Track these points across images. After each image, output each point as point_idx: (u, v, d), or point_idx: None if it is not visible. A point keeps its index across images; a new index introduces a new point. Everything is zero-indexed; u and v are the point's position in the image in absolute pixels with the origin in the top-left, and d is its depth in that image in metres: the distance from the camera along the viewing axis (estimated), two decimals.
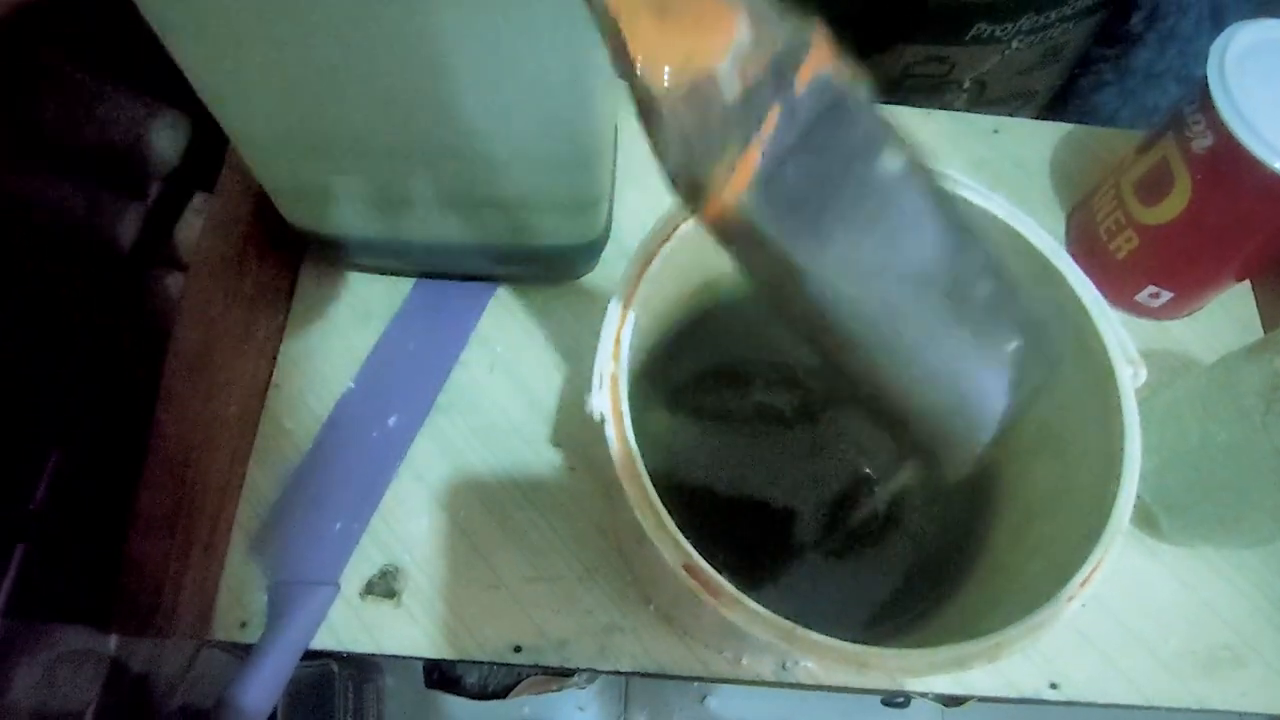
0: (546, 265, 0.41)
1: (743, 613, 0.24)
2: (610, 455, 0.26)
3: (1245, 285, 0.45)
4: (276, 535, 0.37)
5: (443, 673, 0.56)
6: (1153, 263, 0.41)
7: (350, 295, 0.42)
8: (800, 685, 0.36)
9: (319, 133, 0.31)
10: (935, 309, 0.21)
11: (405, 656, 0.35)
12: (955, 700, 0.42)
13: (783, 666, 0.35)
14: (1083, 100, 0.55)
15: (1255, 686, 0.36)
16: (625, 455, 0.26)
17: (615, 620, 0.36)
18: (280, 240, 0.39)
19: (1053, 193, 0.47)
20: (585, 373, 0.40)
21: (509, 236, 0.38)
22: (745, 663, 0.35)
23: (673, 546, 0.25)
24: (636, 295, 0.28)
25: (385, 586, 0.36)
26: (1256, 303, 0.45)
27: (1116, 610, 0.37)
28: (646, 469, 0.26)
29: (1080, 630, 0.37)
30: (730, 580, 0.24)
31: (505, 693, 0.56)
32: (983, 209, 0.31)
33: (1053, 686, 0.36)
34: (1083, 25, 0.50)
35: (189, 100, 0.29)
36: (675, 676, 0.35)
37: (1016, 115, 0.50)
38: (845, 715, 0.66)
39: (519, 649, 0.35)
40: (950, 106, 0.52)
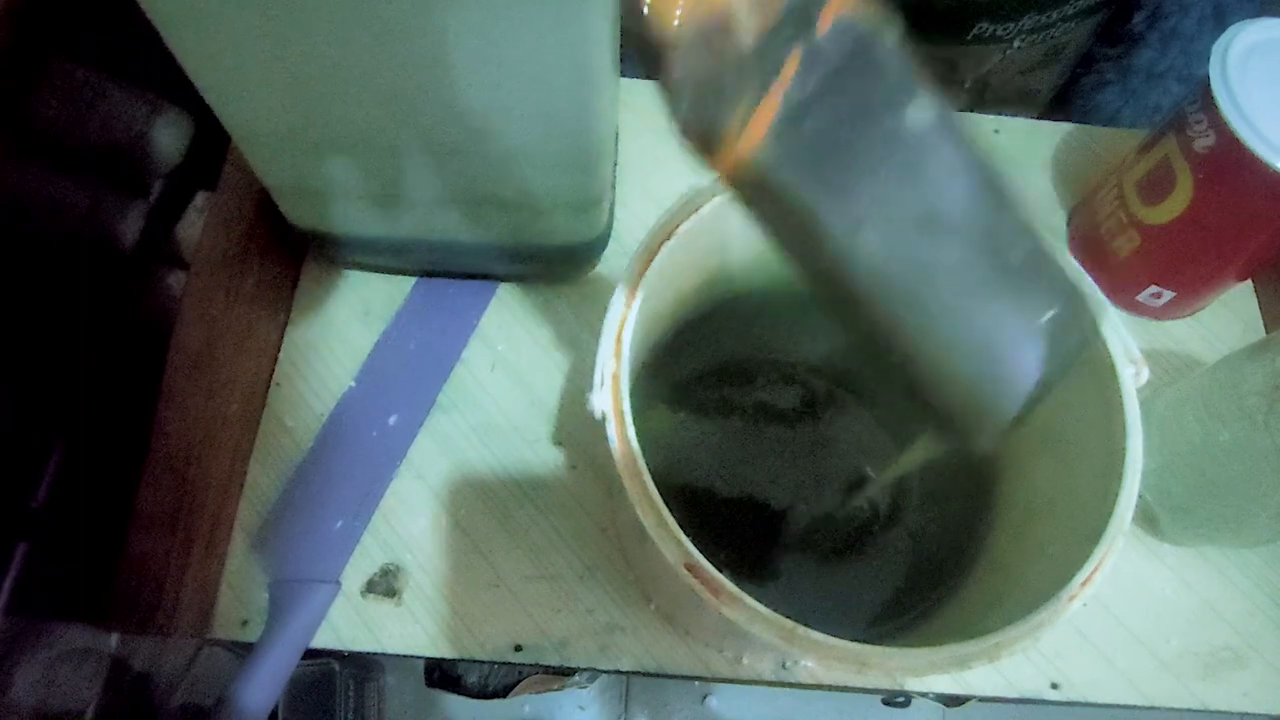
0: (548, 264, 0.41)
1: (743, 611, 0.24)
2: (611, 454, 0.26)
3: (1247, 285, 0.45)
4: (277, 533, 0.37)
5: (443, 672, 0.56)
6: (1154, 262, 0.41)
7: (351, 293, 0.42)
8: (800, 685, 0.36)
9: (320, 131, 0.31)
10: (968, 269, 0.20)
11: (406, 655, 0.35)
12: (956, 700, 0.42)
13: (783, 666, 0.35)
14: (1084, 100, 0.55)
15: (1256, 687, 0.36)
16: (626, 454, 0.26)
17: (616, 619, 0.36)
18: (282, 238, 0.39)
19: (1054, 192, 0.47)
20: (586, 371, 0.40)
21: (510, 235, 0.38)
22: (746, 662, 0.35)
23: (674, 545, 0.24)
24: (638, 294, 0.28)
25: (386, 585, 0.36)
26: (1259, 302, 0.45)
27: (1117, 610, 0.37)
28: (648, 467, 0.26)
29: (1081, 630, 0.37)
30: (731, 579, 0.24)
31: (506, 692, 0.56)
32: None
33: (1053, 686, 0.36)
34: (1084, 25, 0.50)
35: (191, 98, 0.29)
36: (676, 676, 0.35)
37: (1018, 115, 0.50)
38: (846, 715, 0.66)
39: (519, 648, 0.35)
40: (951, 106, 0.52)
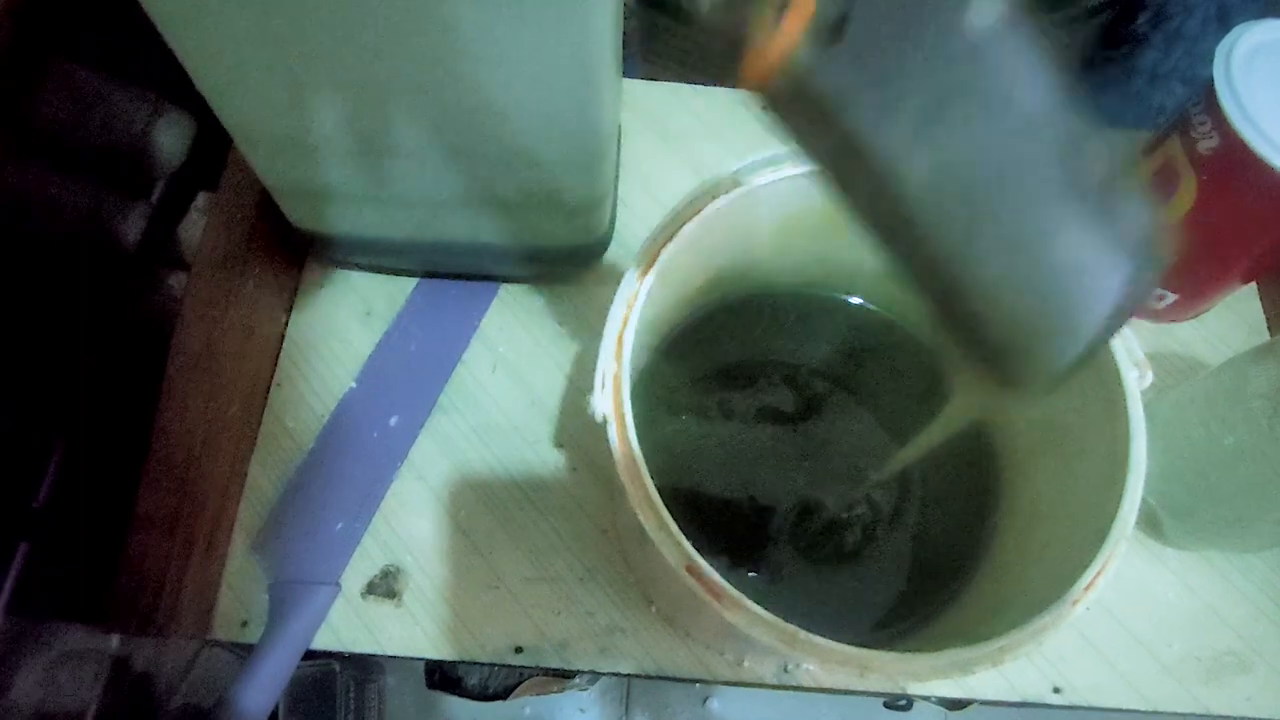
0: (549, 265, 0.41)
1: (744, 615, 0.24)
2: (612, 456, 0.26)
3: (1251, 287, 0.45)
4: (278, 534, 0.37)
5: (444, 673, 0.56)
6: None
7: (353, 294, 0.42)
8: (802, 688, 0.35)
9: (321, 132, 0.31)
10: (1037, 189, 0.17)
11: (406, 657, 0.35)
12: (958, 704, 0.42)
13: (784, 669, 0.35)
14: (1087, 101, 0.55)
15: (1259, 692, 0.36)
16: (627, 455, 0.26)
17: (616, 621, 0.36)
18: (283, 239, 0.39)
19: None
20: (588, 372, 0.40)
21: (512, 236, 0.38)
22: (747, 665, 0.35)
23: (675, 548, 0.24)
24: (639, 296, 0.28)
25: (386, 586, 0.36)
26: (1263, 305, 0.45)
27: (1120, 614, 0.37)
28: (649, 469, 0.26)
29: (1084, 634, 0.37)
30: (732, 582, 0.24)
31: (506, 693, 0.56)
32: None
33: (1056, 691, 0.36)
34: (1088, 26, 0.50)
35: (193, 98, 0.29)
36: (676, 679, 0.35)
37: None
38: (848, 718, 0.66)
39: (520, 650, 0.35)
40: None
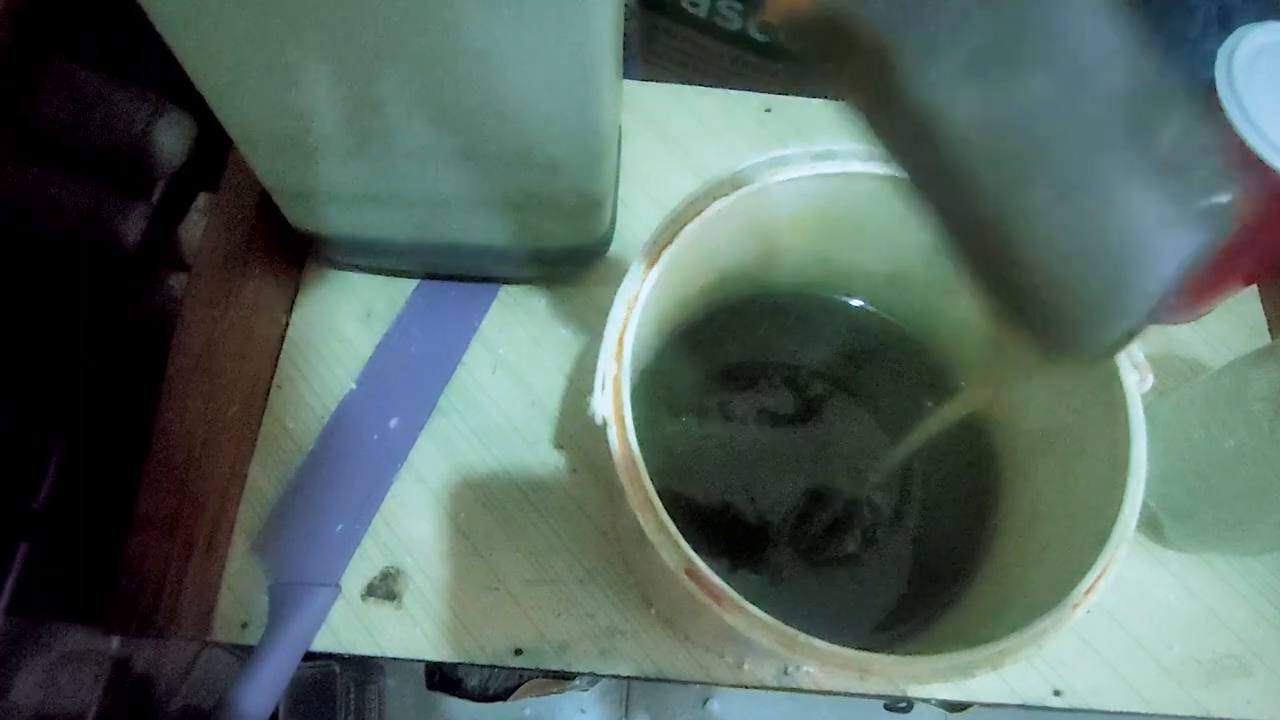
0: (550, 266, 0.41)
1: (744, 618, 0.24)
2: (612, 458, 0.26)
3: (1252, 289, 0.45)
4: (278, 536, 0.37)
5: (444, 674, 0.56)
6: None
7: (353, 295, 0.42)
8: (802, 690, 0.35)
9: (321, 134, 0.31)
10: (1098, 140, 0.16)
11: (406, 659, 0.35)
12: (958, 706, 0.42)
13: (785, 671, 0.35)
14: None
15: (1260, 695, 0.36)
16: (627, 458, 0.26)
17: (616, 623, 0.36)
18: (283, 240, 0.39)
19: None
20: (588, 374, 0.40)
21: (512, 238, 0.38)
22: (747, 667, 0.35)
23: (674, 550, 0.24)
24: (640, 297, 0.28)
25: (386, 588, 0.36)
26: (1264, 307, 0.45)
27: (1121, 617, 0.37)
28: (649, 472, 0.25)
29: (1084, 637, 0.37)
30: (732, 584, 0.24)
31: (506, 695, 0.56)
32: None
33: (1056, 693, 0.36)
34: None
35: (194, 99, 0.29)
36: (676, 681, 0.35)
37: None
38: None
39: (519, 651, 0.35)
40: None
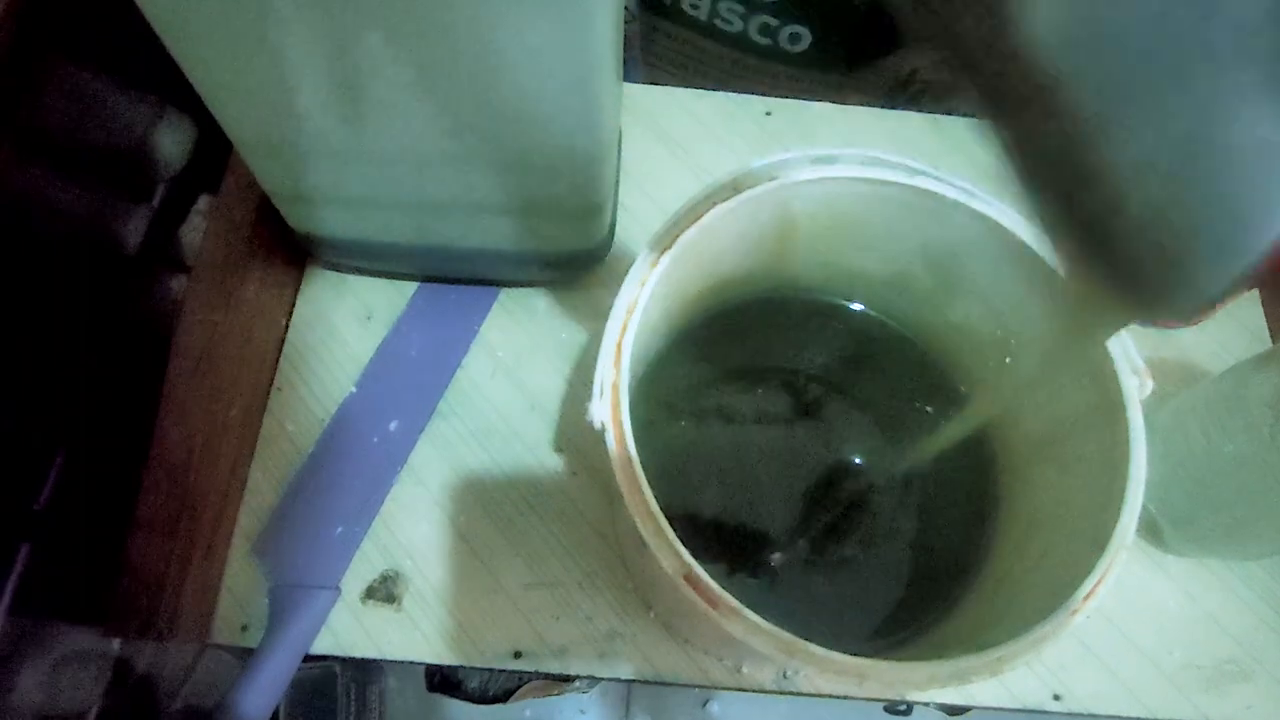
0: (550, 269, 0.41)
1: (742, 624, 0.24)
2: (610, 463, 0.26)
3: (1253, 294, 0.45)
4: (277, 539, 0.37)
5: (444, 676, 0.56)
6: None
7: (353, 298, 0.42)
8: (801, 693, 0.35)
9: (320, 138, 0.31)
10: (1218, 48, 0.14)
11: (405, 661, 0.35)
12: (958, 710, 0.42)
13: (783, 675, 0.35)
14: None
15: (1260, 701, 0.36)
16: (625, 463, 0.26)
17: (615, 627, 0.36)
18: (284, 243, 0.39)
19: None
20: (587, 377, 0.40)
21: (512, 241, 0.38)
22: (745, 671, 0.35)
23: (672, 556, 0.24)
24: (639, 302, 0.28)
25: (386, 591, 0.36)
26: (1265, 311, 0.45)
27: (1120, 622, 0.37)
28: (647, 476, 0.25)
29: (1084, 642, 0.37)
30: (731, 588, 0.24)
31: (506, 697, 0.56)
32: (987, 217, 0.31)
33: (1056, 698, 0.36)
34: None
35: (195, 102, 0.29)
36: (675, 684, 0.35)
37: None
38: None
39: (519, 655, 0.35)
40: (956, 111, 0.52)
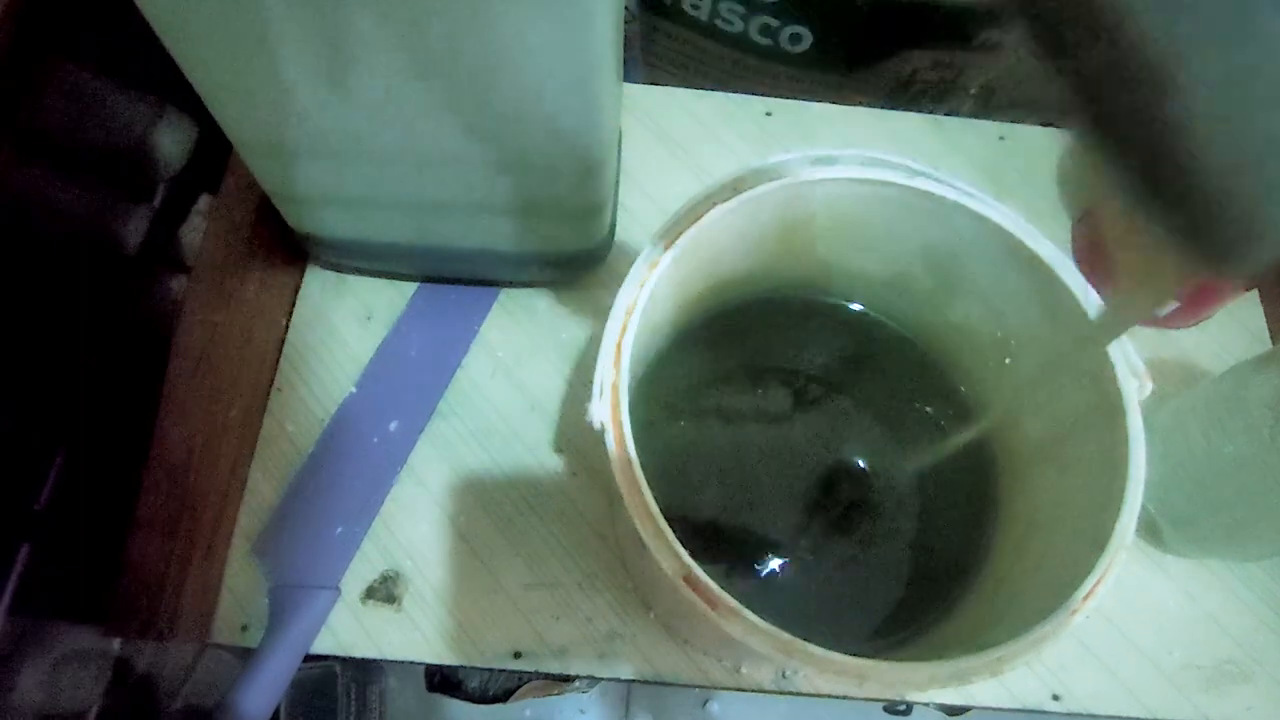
0: (550, 270, 0.41)
1: (741, 624, 0.24)
2: (610, 463, 0.26)
3: (1253, 294, 0.45)
4: (278, 539, 0.37)
5: (444, 676, 0.56)
6: None
7: (353, 298, 0.42)
8: (800, 694, 0.35)
9: (320, 140, 0.31)
10: None
11: (405, 661, 0.35)
12: (957, 710, 0.42)
13: (783, 675, 0.35)
14: None
15: (1260, 701, 0.36)
16: (625, 463, 0.26)
17: (615, 627, 0.36)
18: (284, 243, 0.40)
19: (1059, 200, 0.47)
20: (587, 378, 0.40)
21: (512, 242, 0.38)
22: (745, 671, 0.35)
23: (671, 557, 0.24)
24: (638, 303, 0.28)
25: (386, 591, 0.36)
26: (1265, 311, 0.45)
27: (1120, 622, 0.37)
28: (647, 477, 0.25)
29: (1083, 642, 0.37)
30: (730, 589, 0.24)
31: (507, 696, 0.56)
32: (987, 218, 0.31)
33: (1055, 698, 0.36)
34: None
35: (195, 102, 0.29)
36: (674, 684, 0.35)
37: (1023, 121, 0.49)
38: None
39: (519, 655, 0.35)
40: (957, 112, 0.52)
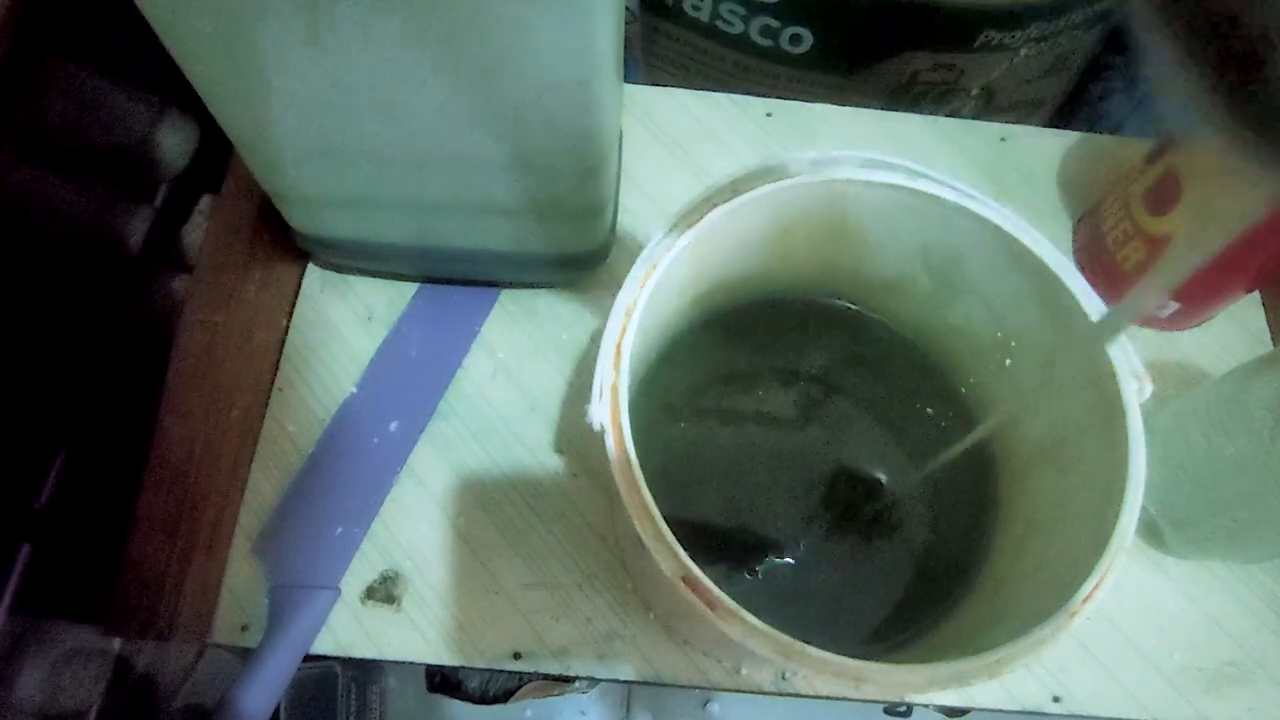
0: (551, 271, 0.41)
1: (740, 626, 0.24)
2: (610, 465, 0.26)
3: (1254, 296, 0.45)
4: (278, 539, 0.37)
5: (444, 676, 0.56)
6: None
7: (354, 299, 0.42)
8: (800, 695, 0.35)
9: (321, 140, 0.31)
10: None
11: (405, 661, 0.35)
12: (957, 712, 0.42)
13: (782, 676, 0.35)
14: (1091, 108, 0.55)
15: (1261, 703, 0.36)
16: (624, 465, 0.26)
17: (615, 628, 0.36)
18: (285, 243, 0.40)
19: (1060, 201, 0.47)
20: (588, 378, 0.40)
21: (513, 242, 0.38)
22: (744, 672, 0.35)
23: (671, 557, 0.24)
24: (638, 304, 0.28)
25: (386, 591, 0.36)
26: (1266, 314, 0.45)
27: (1120, 624, 0.37)
28: (647, 478, 0.25)
29: (1084, 643, 0.37)
30: (730, 589, 0.24)
31: (507, 697, 0.56)
32: (987, 219, 0.31)
33: (1055, 700, 0.36)
34: (1092, 32, 0.50)
35: (197, 103, 0.29)
36: (674, 685, 0.35)
37: (1024, 123, 0.49)
38: None
39: (518, 655, 0.35)
40: (958, 114, 0.52)
